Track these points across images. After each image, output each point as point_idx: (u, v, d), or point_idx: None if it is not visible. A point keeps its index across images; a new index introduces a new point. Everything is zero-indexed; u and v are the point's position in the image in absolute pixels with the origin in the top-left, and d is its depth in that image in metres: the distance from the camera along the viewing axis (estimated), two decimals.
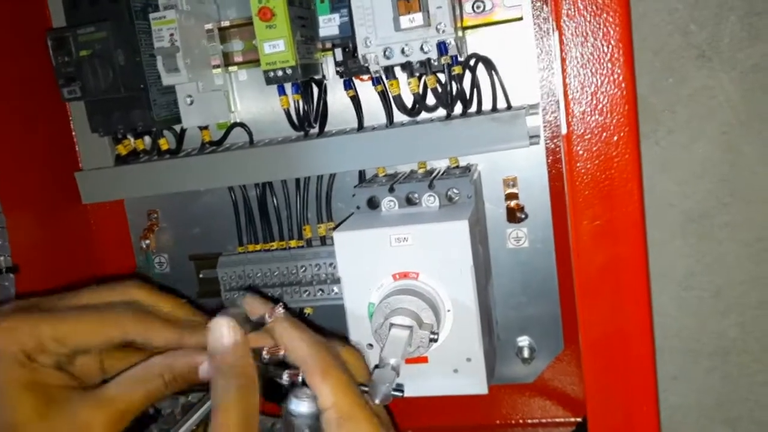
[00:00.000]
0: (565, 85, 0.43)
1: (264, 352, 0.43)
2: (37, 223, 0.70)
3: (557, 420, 0.73)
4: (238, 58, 0.68)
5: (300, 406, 0.42)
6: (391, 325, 0.52)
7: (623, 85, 0.43)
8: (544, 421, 0.74)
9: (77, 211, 0.75)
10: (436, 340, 0.52)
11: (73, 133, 0.73)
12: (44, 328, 0.41)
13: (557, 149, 0.66)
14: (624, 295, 0.45)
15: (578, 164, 0.44)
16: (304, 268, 0.68)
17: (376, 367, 0.49)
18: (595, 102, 0.43)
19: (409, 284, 0.54)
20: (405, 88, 0.61)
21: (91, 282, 0.49)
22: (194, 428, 0.64)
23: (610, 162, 0.44)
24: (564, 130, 0.44)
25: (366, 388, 0.45)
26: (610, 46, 0.43)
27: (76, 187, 0.69)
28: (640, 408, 0.47)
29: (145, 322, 0.43)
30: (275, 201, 0.69)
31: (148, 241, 0.74)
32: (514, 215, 0.66)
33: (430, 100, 0.62)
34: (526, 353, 0.69)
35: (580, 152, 0.44)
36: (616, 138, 0.44)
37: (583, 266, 0.45)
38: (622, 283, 0.45)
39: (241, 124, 0.69)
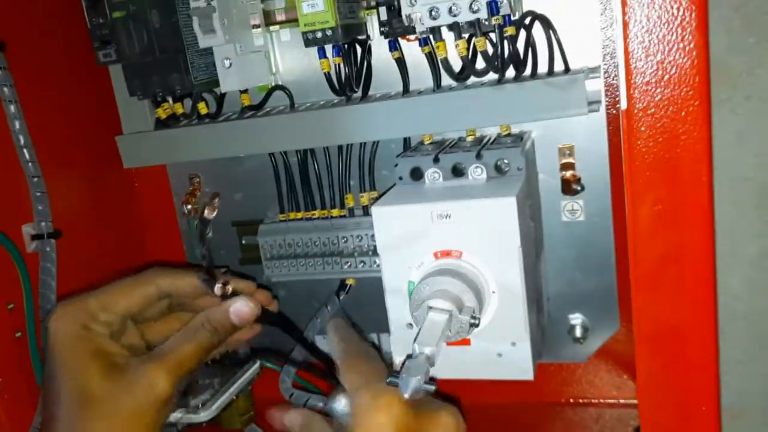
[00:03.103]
0: (626, 53, 0.38)
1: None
2: (79, 187, 0.70)
3: (609, 401, 0.70)
4: (280, 17, 0.64)
5: (339, 409, 0.47)
6: (429, 308, 0.49)
7: (695, 53, 0.38)
8: (595, 401, 0.70)
9: (120, 175, 0.74)
10: (477, 325, 0.49)
11: (115, 97, 0.71)
12: (90, 301, 0.47)
13: (619, 116, 0.61)
14: (686, 291, 0.40)
15: (639, 142, 0.39)
16: (345, 239, 0.66)
17: (409, 357, 0.46)
18: (661, 72, 0.38)
19: (451, 264, 0.51)
20: (453, 50, 0.57)
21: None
22: (233, 398, 0.63)
23: (675, 140, 0.39)
24: (624, 105, 0.39)
25: (396, 381, 0.43)
26: (681, 8, 0.37)
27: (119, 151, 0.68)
28: (698, 408, 0.43)
29: (170, 273, 0.50)
30: (317, 168, 0.67)
31: (190, 206, 0.72)
32: (570, 187, 0.62)
33: (480, 63, 0.57)
34: (578, 332, 0.66)
35: (642, 129, 0.39)
36: (684, 113, 0.38)
37: (640, 257, 0.40)
38: (684, 277, 0.40)
39: (282, 87, 0.66)
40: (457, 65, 0.58)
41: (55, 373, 0.45)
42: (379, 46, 0.62)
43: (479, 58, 0.56)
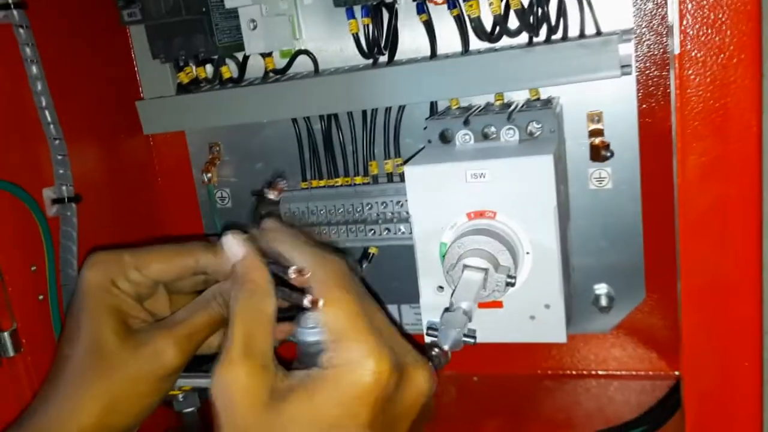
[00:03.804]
0: None
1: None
2: (99, 152, 0.68)
3: (633, 373, 0.69)
4: None
5: (308, 336, 0.39)
6: (465, 266, 0.48)
7: None
8: (618, 373, 0.70)
9: (139, 141, 0.73)
10: (513, 285, 0.48)
11: (135, 61, 0.70)
12: (126, 257, 0.46)
13: (650, 81, 0.60)
14: (732, 240, 0.40)
15: (689, 90, 0.38)
16: (369, 206, 0.65)
17: (447, 310, 0.46)
18: (713, 18, 0.37)
19: (485, 224, 0.50)
20: (485, 10, 0.56)
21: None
22: None
23: (726, 88, 0.38)
24: (676, 50, 0.38)
25: (435, 334, 0.42)
26: None
27: (138, 116, 0.67)
28: (741, 363, 0.42)
29: (214, 251, 0.46)
30: (341, 135, 0.66)
31: (209, 175, 0.72)
32: (598, 153, 0.61)
33: (512, 23, 0.56)
34: (603, 302, 0.65)
35: (692, 76, 0.38)
36: (735, 60, 0.38)
37: (688, 207, 0.40)
38: (730, 227, 0.40)
39: (306, 52, 0.65)
40: (488, 25, 0.57)
41: (76, 315, 0.46)
42: (407, 10, 0.62)
43: (512, 17, 0.56)
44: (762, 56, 0.38)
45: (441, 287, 0.53)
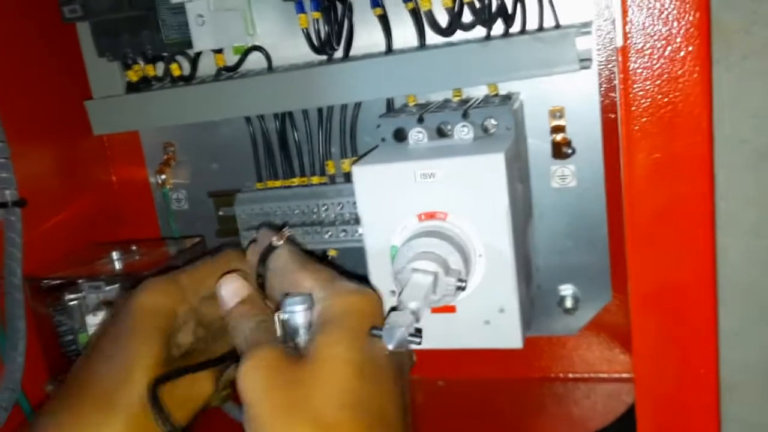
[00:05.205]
0: None
1: None
2: (50, 154, 0.66)
3: (601, 375, 0.67)
4: None
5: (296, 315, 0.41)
6: (413, 270, 0.46)
7: None
8: (586, 376, 0.68)
9: (92, 142, 0.71)
10: (463, 289, 0.46)
11: (84, 59, 0.68)
12: (183, 279, 0.47)
13: (612, 75, 0.58)
14: (684, 242, 0.38)
15: (635, 85, 0.36)
16: (326, 207, 0.63)
17: (393, 309, 0.44)
18: (658, 8, 0.35)
19: (435, 226, 0.48)
20: (438, 3, 0.54)
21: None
22: None
23: (674, 82, 0.36)
24: (619, 43, 0.36)
25: (379, 333, 0.40)
26: None
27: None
28: (697, 371, 0.40)
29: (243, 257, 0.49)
30: (296, 133, 0.64)
31: (164, 176, 0.69)
32: (560, 150, 0.59)
33: (467, 17, 0.54)
34: (569, 303, 0.63)
35: (639, 70, 0.36)
36: (682, 53, 0.36)
37: (636, 207, 0.38)
38: (682, 228, 0.38)
39: (259, 48, 0.63)
40: (443, 20, 0.55)
41: (115, 336, 0.44)
42: (362, 4, 0.59)
43: (466, 11, 0.54)
44: (711, 48, 0.36)
45: (393, 291, 0.51)
